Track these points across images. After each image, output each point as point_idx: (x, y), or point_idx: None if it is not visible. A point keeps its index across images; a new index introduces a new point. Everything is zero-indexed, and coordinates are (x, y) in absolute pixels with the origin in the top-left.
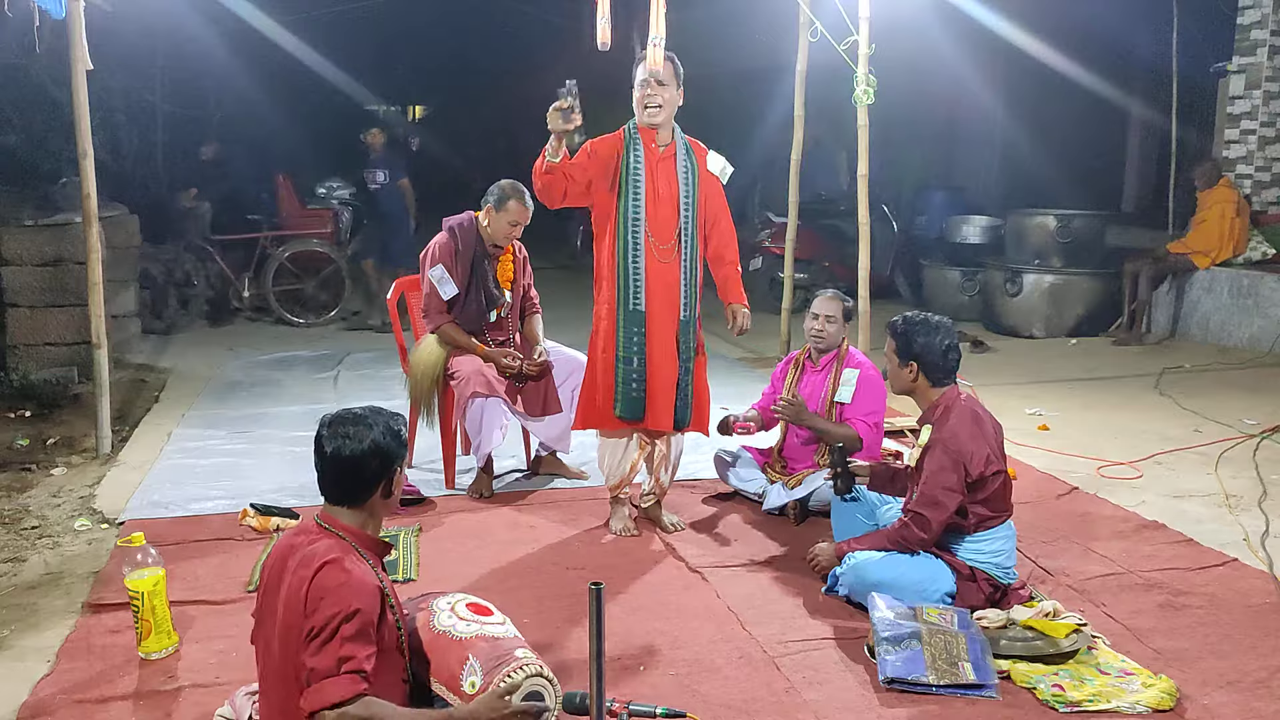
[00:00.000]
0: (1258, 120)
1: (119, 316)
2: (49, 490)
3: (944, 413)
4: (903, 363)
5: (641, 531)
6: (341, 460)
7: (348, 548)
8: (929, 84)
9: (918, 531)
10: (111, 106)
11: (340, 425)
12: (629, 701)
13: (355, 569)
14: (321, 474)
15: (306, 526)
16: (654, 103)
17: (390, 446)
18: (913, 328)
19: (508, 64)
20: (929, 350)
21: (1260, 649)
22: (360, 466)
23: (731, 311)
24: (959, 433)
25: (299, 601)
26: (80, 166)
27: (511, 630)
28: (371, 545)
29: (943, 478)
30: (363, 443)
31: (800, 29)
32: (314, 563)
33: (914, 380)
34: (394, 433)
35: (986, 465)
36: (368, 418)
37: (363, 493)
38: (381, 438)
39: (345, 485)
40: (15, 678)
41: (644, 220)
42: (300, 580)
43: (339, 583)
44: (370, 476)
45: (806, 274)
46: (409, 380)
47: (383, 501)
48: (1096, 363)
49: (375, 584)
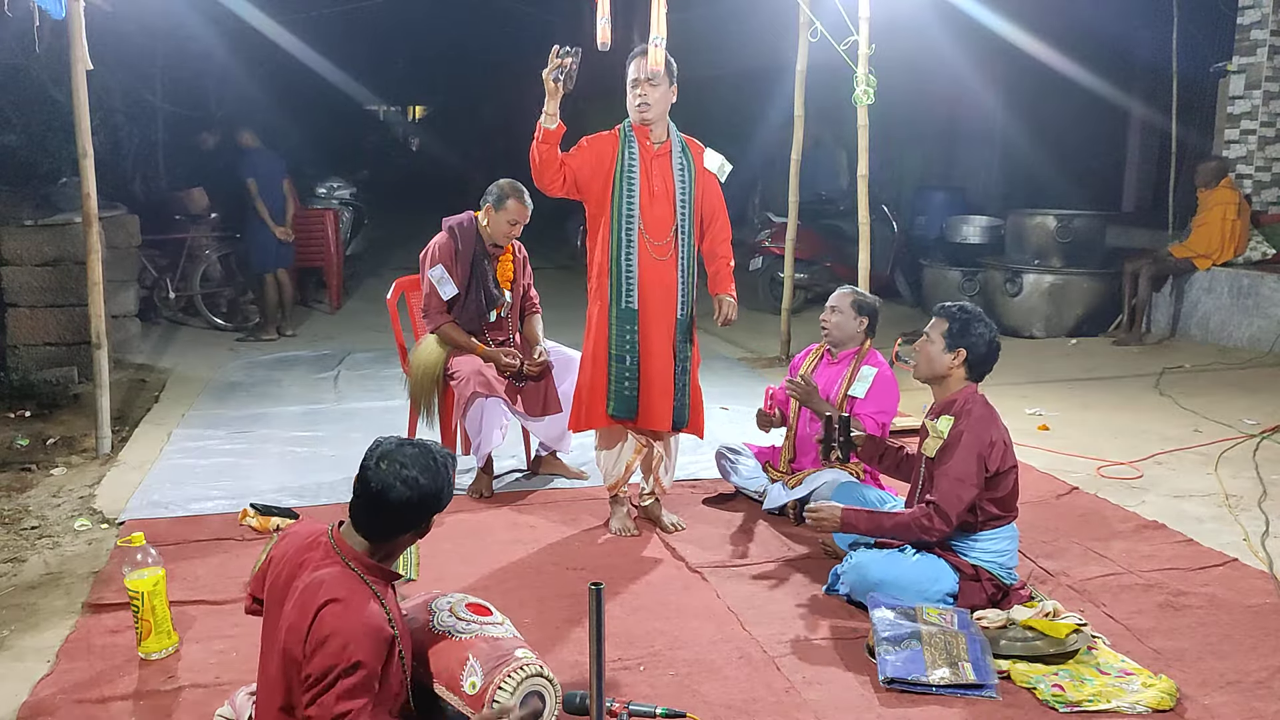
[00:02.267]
0: (1258, 120)
1: (119, 316)
2: (49, 490)
3: (966, 405)
4: (950, 347)
5: (641, 531)
6: (386, 502)
7: (353, 578)
8: (929, 84)
9: (938, 522)
10: (111, 106)
11: (395, 464)
12: (629, 701)
13: (359, 613)
14: (360, 505)
15: (318, 540)
16: (645, 100)
17: (442, 496)
18: (972, 316)
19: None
20: (980, 342)
21: (1260, 649)
22: (403, 512)
23: (718, 301)
24: (983, 426)
25: (300, 636)
26: (80, 166)
27: (511, 630)
28: (380, 576)
29: (966, 470)
30: (414, 491)
31: (800, 29)
32: (319, 595)
33: (954, 367)
34: (449, 481)
35: (1004, 460)
36: (430, 465)
37: (394, 532)
38: (434, 486)
39: (380, 524)
40: (15, 678)
41: (638, 218)
42: (303, 610)
43: (340, 630)
44: (408, 521)
45: (806, 274)
46: (409, 380)
47: (408, 541)
48: (1096, 363)
49: (380, 628)
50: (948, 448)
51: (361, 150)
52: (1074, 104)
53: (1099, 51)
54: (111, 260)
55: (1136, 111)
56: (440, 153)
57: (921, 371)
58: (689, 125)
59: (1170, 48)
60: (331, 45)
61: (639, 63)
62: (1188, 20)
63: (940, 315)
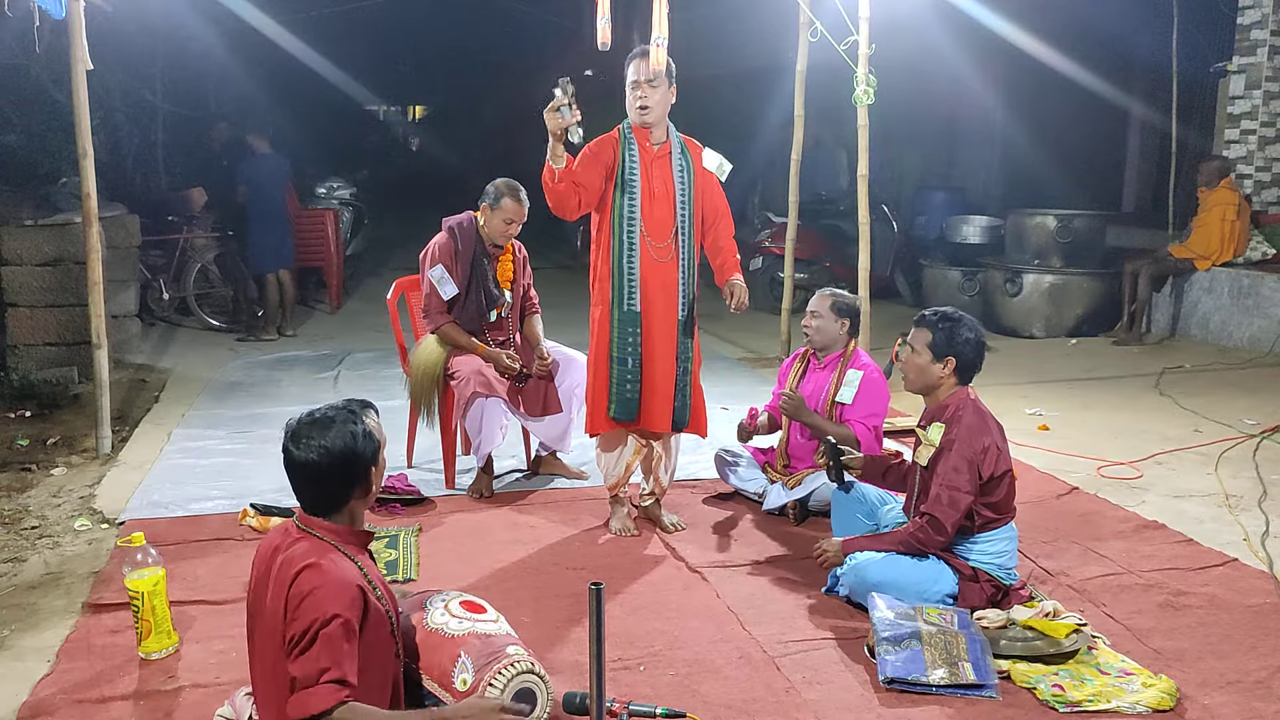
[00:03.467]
0: (1258, 120)
1: (119, 316)
2: (49, 490)
3: (956, 412)
4: (939, 358)
5: (641, 531)
6: (311, 477)
7: (326, 547)
8: (929, 84)
9: (934, 534)
10: (111, 106)
11: (306, 433)
12: (629, 701)
13: (332, 569)
14: (295, 487)
15: (287, 528)
16: (645, 103)
17: (362, 447)
18: (956, 323)
19: (508, 64)
20: (968, 348)
21: (1260, 649)
22: (334, 474)
23: (729, 287)
24: (974, 432)
25: (279, 608)
26: (80, 166)
27: (505, 628)
28: (353, 539)
29: (958, 478)
30: (331, 456)
31: (800, 29)
32: (292, 568)
33: (944, 376)
34: (363, 432)
35: (998, 464)
36: (334, 420)
37: (340, 500)
38: (351, 439)
39: (321, 495)
40: (15, 678)
41: (639, 219)
42: (280, 585)
43: (315, 587)
44: (346, 483)
45: (806, 274)
46: (409, 380)
47: (361, 500)
48: (1096, 363)
49: (354, 581)
50: (940, 456)
51: (361, 150)
52: (1074, 104)
53: (1099, 51)
54: (111, 260)
55: (1136, 111)
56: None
57: (914, 385)
58: (689, 125)
59: (1170, 48)
60: (331, 45)
61: (638, 64)
62: (1188, 20)
63: (922, 326)
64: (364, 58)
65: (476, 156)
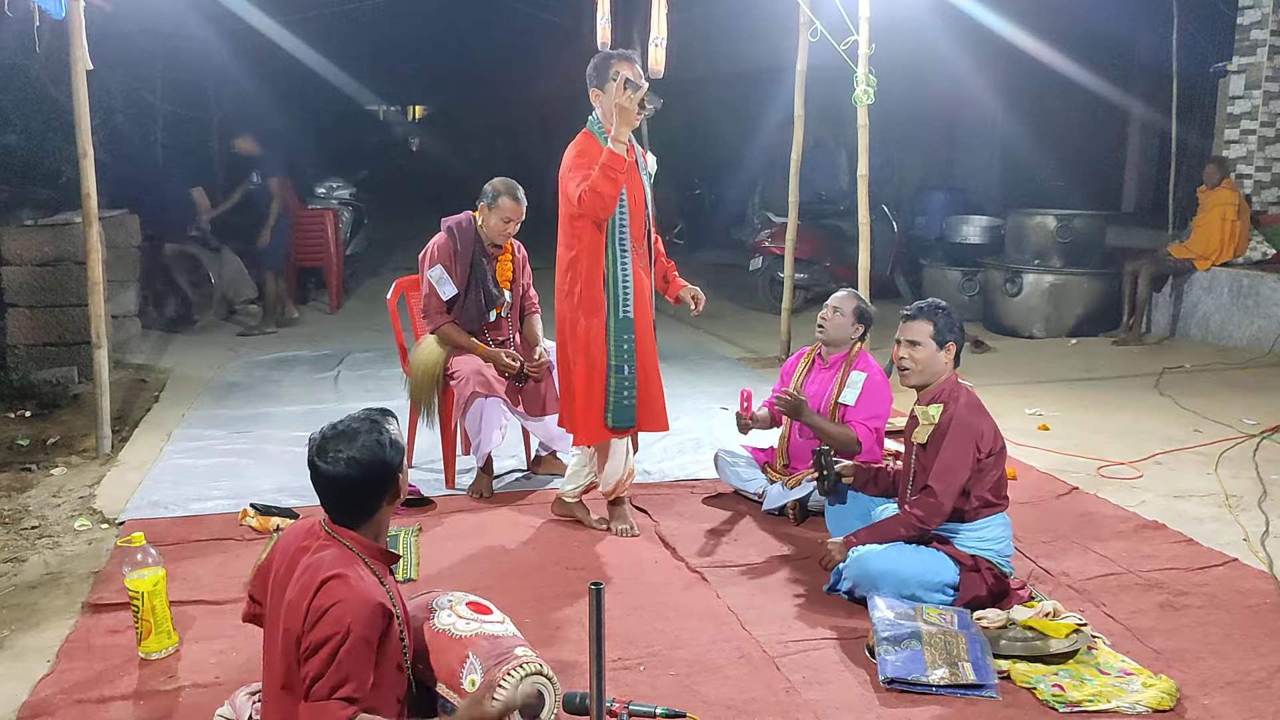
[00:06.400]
0: (1258, 120)
1: (119, 316)
2: (49, 490)
3: (953, 392)
4: (942, 345)
5: (641, 532)
6: (343, 483)
7: (353, 559)
8: (929, 84)
9: (934, 508)
10: (111, 106)
11: (332, 447)
12: (629, 701)
13: (359, 585)
14: (325, 500)
15: (314, 529)
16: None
17: (389, 456)
18: (946, 310)
19: (508, 64)
20: (959, 330)
21: (1260, 649)
22: (364, 485)
23: (690, 294)
24: (973, 410)
25: (300, 613)
26: (80, 166)
27: (511, 629)
28: (379, 556)
29: (958, 453)
30: (360, 469)
31: (800, 29)
32: (319, 574)
33: (948, 361)
34: (390, 441)
35: (995, 442)
36: (358, 431)
37: (371, 509)
38: (378, 448)
39: (352, 506)
40: (15, 678)
41: (628, 226)
42: (303, 591)
43: (339, 600)
44: (376, 492)
45: (806, 274)
46: (409, 380)
47: (390, 507)
48: (1096, 363)
49: (379, 602)
50: (939, 433)
51: (361, 150)
52: (1074, 104)
53: (1099, 51)
54: (111, 260)
55: (1136, 111)
56: (440, 153)
57: (920, 377)
58: (689, 125)
59: (1170, 48)
60: (331, 45)
61: (635, 66)
62: (1188, 20)
63: (919, 318)
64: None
65: (476, 156)
